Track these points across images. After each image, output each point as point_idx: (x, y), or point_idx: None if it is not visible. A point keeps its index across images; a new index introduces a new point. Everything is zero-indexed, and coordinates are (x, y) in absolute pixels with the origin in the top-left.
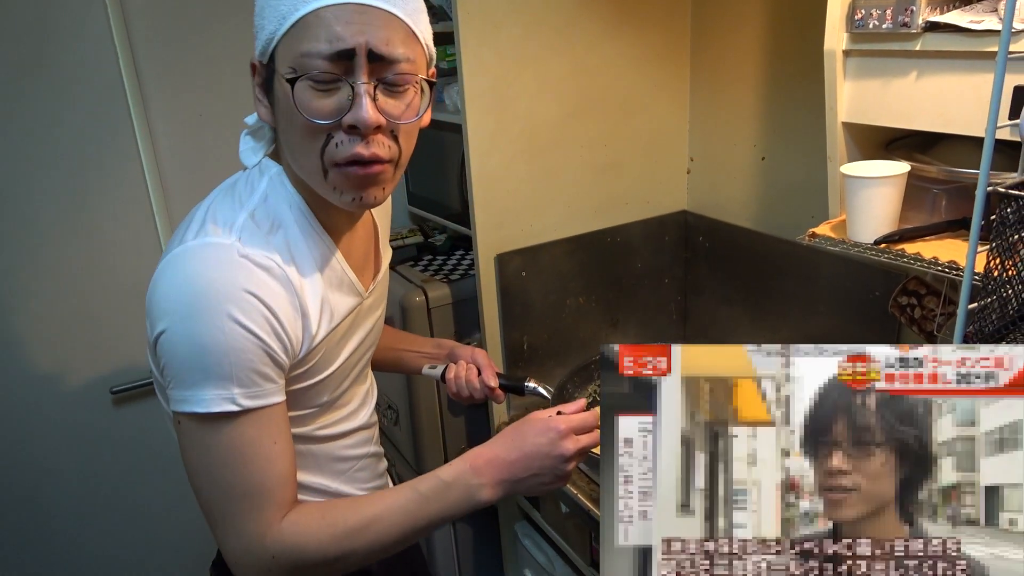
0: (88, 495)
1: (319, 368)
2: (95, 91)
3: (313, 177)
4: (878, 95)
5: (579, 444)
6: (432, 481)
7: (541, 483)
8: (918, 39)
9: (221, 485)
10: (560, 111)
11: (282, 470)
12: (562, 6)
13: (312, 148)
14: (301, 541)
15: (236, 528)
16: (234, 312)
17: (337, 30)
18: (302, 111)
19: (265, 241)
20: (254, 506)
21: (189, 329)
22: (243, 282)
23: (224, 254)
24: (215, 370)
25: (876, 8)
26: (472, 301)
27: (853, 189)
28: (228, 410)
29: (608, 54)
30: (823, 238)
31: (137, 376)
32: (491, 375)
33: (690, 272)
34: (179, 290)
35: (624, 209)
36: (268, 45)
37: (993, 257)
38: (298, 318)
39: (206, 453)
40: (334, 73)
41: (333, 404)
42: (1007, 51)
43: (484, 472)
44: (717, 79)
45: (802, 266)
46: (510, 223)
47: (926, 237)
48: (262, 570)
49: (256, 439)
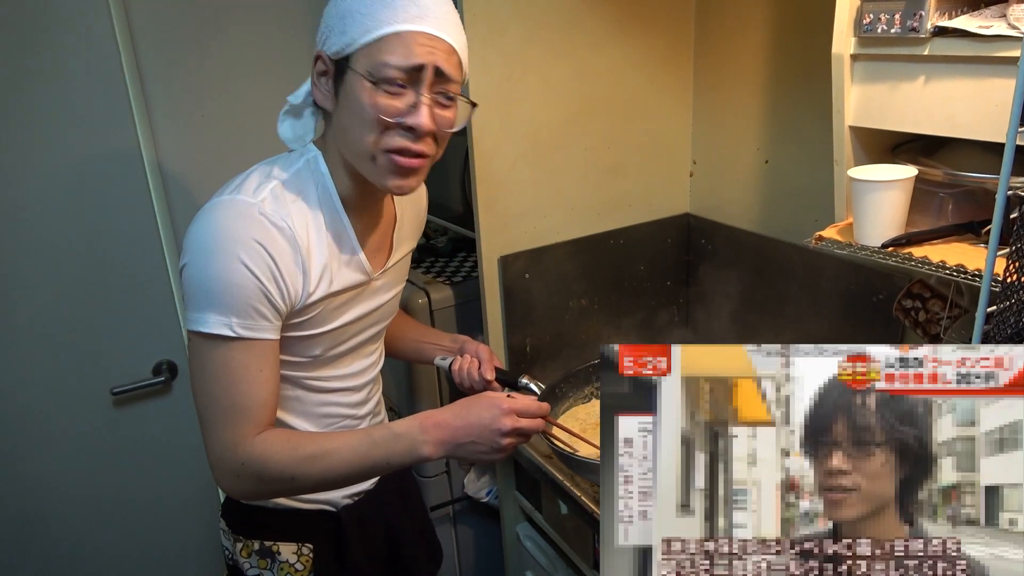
0: (89, 496)
1: (314, 324)
2: (97, 91)
3: (362, 160)
4: (886, 99)
5: (517, 423)
6: (384, 431)
7: (479, 451)
8: (926, 44)
9: (211, 397)
10: (564, 114)
11: (263, 395)
12: (566, 9)
13: (370, 136)
14: (266, 455)
15: (217, 434)
16: (242, 255)
17: (414, 49)
18: (374, 108)
19: (285, 206)
20: (234, 419)
21: (205, 263)
22: (255, 233)
23: (246, 209)
24: (219, 299)
25: (884, 13)
26: (474, 303)
27: (861, 193)
28: (224, 333)
29: (612, 57)
30: (830, 241)
31: (138, 376)
32: (489, 369)
33: (692, 274)
34: (203, 232)
35: (627, 212)
36: (347, 47)
37: (1012, 261)
38: (299, 274)
39: (203, 368)
40: (404, 82)
41: (327, 362)
42: None
43: (430, 431)
44: (720, 82)
45: (805, 269)
46: (514, 225)
47: (933, 241)
48: (232, 473)
49: (244, 364)
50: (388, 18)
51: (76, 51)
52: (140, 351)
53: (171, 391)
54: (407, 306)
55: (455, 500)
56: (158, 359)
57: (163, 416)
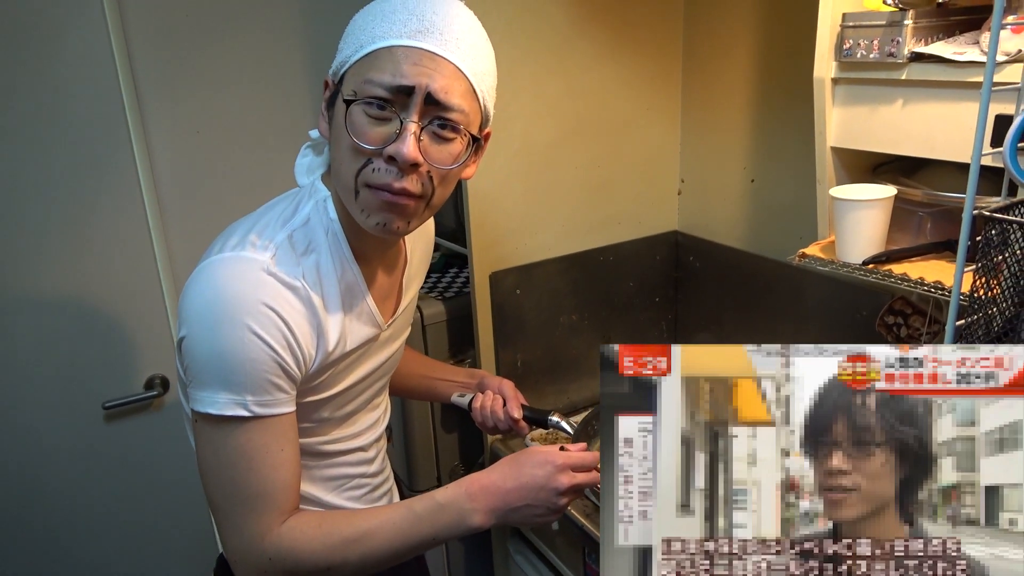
0: (80, 511)
1: (323, 387)
2: (92, 106)
3: (347, 196)
4: (866, 121)
5: (575, 480)
6: (427, 502)
7: (534, 514)
8: (904, 69)
9: (227, 485)
10: (556, 132)
11: (286, 477)
12: (558, 30)
13: (351, 168)
14: (297, 547)
15: (238, 527)
16: (252, 324)
17: (404, 67)
18: (351, 132)
19: (297, 262)
20: (256, 508)
21: (210, 335)
22: (265, 297)
23: (253, 269)
24: (231, 376)
25: (864, 39)
26: (466, 319)
27: (842, 211)
28: (239, 414)
29: (603, 77)
30: (813, 258)
31: (130, 391)
32: (515, 407)
33: (681, 291)
34: (205, 297)
35: (617, 229)
36: (341, 67)
37: (979, 277)
38: (314, 337)
39: (216, 453)
40: (388, 102)
41: (335, 423)
42: (991, 82)
43: (478, 498)
44: (708, 103)
45: (790, 286)
46: (505, 241)
47: (912, 258)
48: (259, 570)
49: (264, 445)
50: (383, 32)
51: (72, 66)
52: (133, 366)
53: (163, 405)
54: None
55: None
56: (150, 373)
57: (155, 430)
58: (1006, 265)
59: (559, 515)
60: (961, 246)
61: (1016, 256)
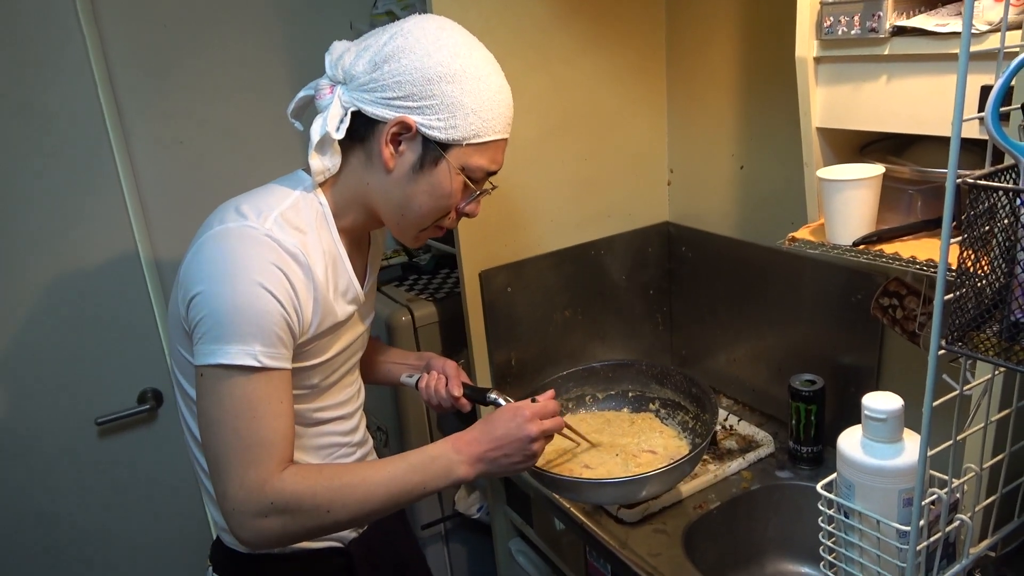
0: (74, 527)
1: (313, 353)
2: (75, 122)
3: (409, 226)
4: (850, 100)
5: (542, 427)
6: (419, 454)
7: (512, 463)
8: (886, 44)
9: (231, 434)
10: (541, 128)
11: (285, 428)
12: (539, 23)
13: (433, 212)
14: (299, 489)
15: (240, 475)
16: (264, 281)
17: (499, 157)
18: (454, 198)
19: (292, 236)
20: (259, 456)
21: (224, 290)
22: (273, 258)
23: (259, 234)
24: (243, 327)
25: (844, 15)
26: (458, 319)
27: (830, 192)
28: (248, 364)
29: (586, 70)
30: (803, 242)
31: (123, 406)
32: (456, 385)
33: (675, 282)
34: (218, 259)
35: (607, 222)
36: (451, 140)
37: (965, 249)
38: (311, 303)
39: (221, 403)
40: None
41: (322, 391)
42: (968, 48)
43: (463, 450)
44: (693, 91)
45: (785, 272)
46: (494, 239)
47: (903, 237)
48: (259, 515)
49: (267, 396)
50: (499, 128)
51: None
52: (125, 381)
53: (156, 419)
54: (391, 324)
55: (446, 518)
56: (143, 387)
57: (148, 445)
58: (993, 234)
59: (535, 461)
60: (946, 217)
61: (1003, 224)
